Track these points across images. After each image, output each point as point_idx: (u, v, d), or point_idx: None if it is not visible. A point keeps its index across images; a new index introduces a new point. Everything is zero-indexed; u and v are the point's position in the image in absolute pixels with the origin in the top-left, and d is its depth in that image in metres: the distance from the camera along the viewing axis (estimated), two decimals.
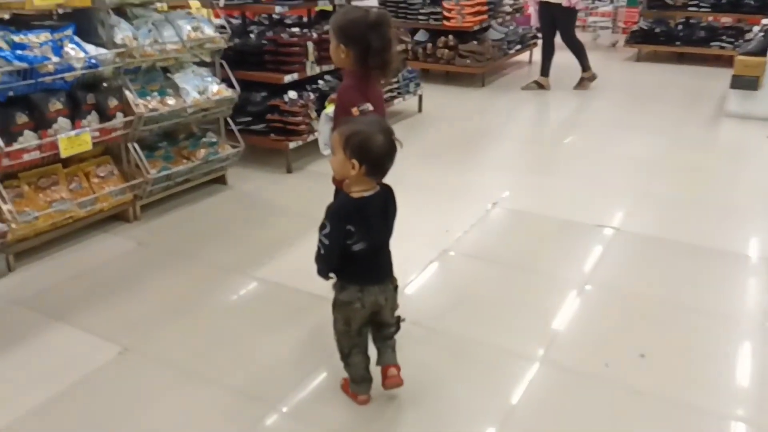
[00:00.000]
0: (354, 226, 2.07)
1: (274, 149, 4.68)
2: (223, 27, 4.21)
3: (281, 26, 5.16)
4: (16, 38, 3.10)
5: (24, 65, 3.00)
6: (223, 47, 4.12)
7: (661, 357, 2.64)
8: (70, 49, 3.26)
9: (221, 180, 4.37)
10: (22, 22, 3.37)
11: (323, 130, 2.46)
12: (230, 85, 4.20)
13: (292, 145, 4.56)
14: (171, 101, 3.81)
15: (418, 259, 3.43)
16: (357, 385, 2.33)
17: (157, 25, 3.79)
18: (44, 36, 3.19)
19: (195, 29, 3.90)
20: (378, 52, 2.30)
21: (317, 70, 4.81)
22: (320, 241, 2.10)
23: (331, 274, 2.20)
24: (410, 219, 4.00)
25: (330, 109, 2.46)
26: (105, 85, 3.59)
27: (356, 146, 2.00)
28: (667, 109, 6.48)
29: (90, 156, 3.73)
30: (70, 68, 3.26)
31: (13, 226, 3.14)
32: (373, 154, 2.02)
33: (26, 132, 3.17)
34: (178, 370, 2.56)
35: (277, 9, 4.70)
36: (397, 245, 3.56)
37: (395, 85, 5.73)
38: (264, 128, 4.62)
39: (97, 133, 3.48)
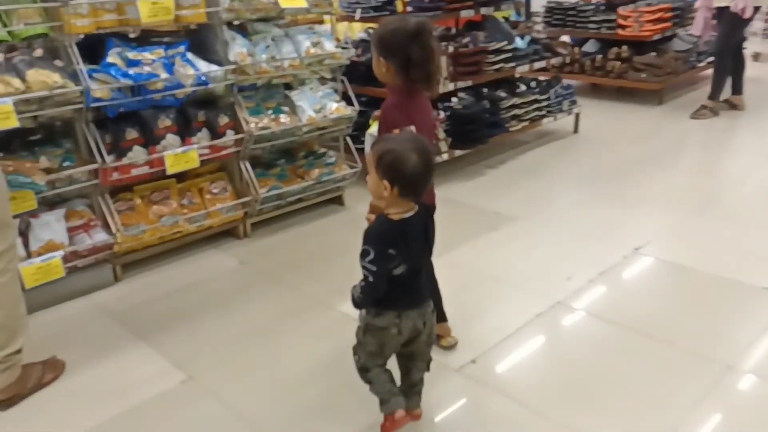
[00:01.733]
0: (395, 249, 1.92)
1: None
2: (346, 43, 4.04)
3: None
4: (131, 54, 3.17)
5: (129, 82, 3.05)
6: (345, 63, 3.95)
7: None
8: (180, 65, 3.28)
9: (338, 200, 4.21)
10: (145, 38, 3.47)
11: (369, 150, 2.18)
12: (351, 103, 4.02)
13: None
14: (285, 119, 3.71)
15: (522, 310, 2.94)
16: (387, 403, 2.10)
17: (276, 40, 3.72)
18: (157, 53, 3.24)
19: (315, 45, 3.77)
20: (420, 63, 2.17)
21: (450, 87, 4.47)
22: (366, 269, 1.93)
23: None
24: (527, 257, 3.52)
25: (374, 128, 2.26)
26: (224, 102, 3.59)
27: (388, 166, 1.87)
28: None
29: (206, 172, 3.77)
30: (180, 85, 3.27)
31: (119, 239, 3.23)
32: (406, 174, 1.86)
33: (135, 148, 3.24)
34: (231, 412, 2.39)
35: None
36: (499, 288, 3.10)
37: (543, 103, 5.16)
38: None
39: (207, 150, 3.48)
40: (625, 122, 6.02)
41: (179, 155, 3.31)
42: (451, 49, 4.46)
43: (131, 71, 3.09)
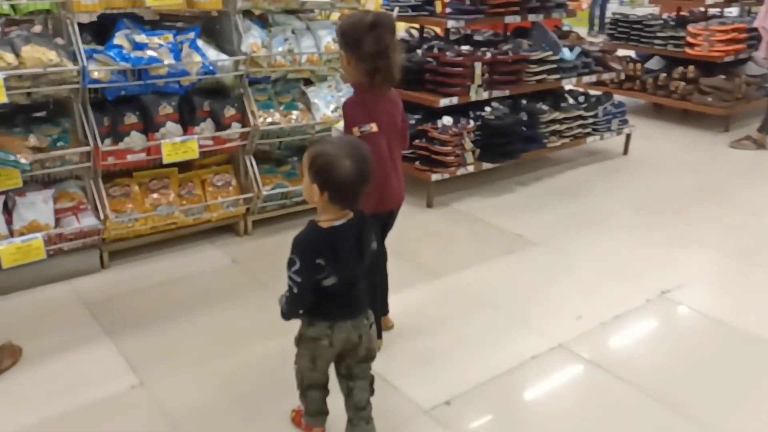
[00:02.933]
0: (324, 259, 1.81)
1: (417, 179, 4.16)
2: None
3: (462, 43, 4.59)
4: (137, 38, 3.05)
5: (127, 65, 2.92)
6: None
7: None
8: (188, 52, 3.14)
9: None
10: (160, 22, 3.35)
11: None
12: None
13: (435, 177, 3.99)
14: (297, 116, 3.53)
15: (518, 348, 2.65)
16: (312, 417, 2.13)
17: (297, 34, 3.54)
18: (166, 37, 3.10)
19: (336, 40, 3.56)
20: (370, 56, 2.13)
21: (484, 95, 4.17)
22: (291, 279, 1.84)
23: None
24: (537, 288, 3.19)
25: (341, 123, 2.27)
26: (233, 93, 3.44)
27: (319, 170, 1.79)
28: None
29: (212, 163, 3.63)
30: (185, 72, 3.14)
31: (108, 225, 3.12)
32: (337, 181, 1.78)
33: (133, 133, 3.12)
34: (170, 425, 2.22)
35: (450, 23, 4.18)
36: (498, 319, 2.86)
37: (589, 120, 4.79)
38: (411, 154, 4.13)
39: (210, 142, 3.33)
40: (682, 148, 5.54)
41: (177, 144, 3.17)
42: (488, 55, 4.16)
43: (133, 55, 2.97)
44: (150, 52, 3.02)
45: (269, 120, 3.42)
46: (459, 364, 2.56)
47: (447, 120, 4.02)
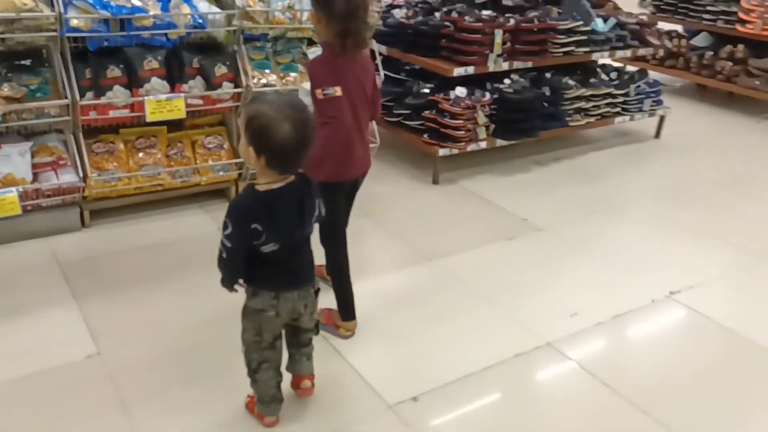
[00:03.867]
0: (261, 224, 1.72)
1: (424, 153, 3.92)
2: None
3: (488, 8, 4.27)
4: None
5: (106, 14, 2.75)
6: (376, 24, 3.47)
7: None
8: (176, 3, 2.95)
9: None
10: None
11: None
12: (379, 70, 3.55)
13: (442, 152, 3.75)
14: (294, 78, 3.32)
15: (501, 344, 2.46)
16: (265, 405, 2.00)
17: None
18: None
19: None
20: (340, 17, 2.02)
21: (503, 66, 3.88)
22: (222, 243, 1.76)
23: (240, 281, 1.85)
24: (533, 279, 2.95)
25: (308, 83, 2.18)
26: (227, 50, 3.24)
27: (255, 132, 1.66)
28: None
29: (205, 123, 3.47)
30: (172, 25, 2.95)
31: (90, 183, 3.00)
32: (273, 145, 1.66)
33: (116, 87, 2.97)
34: (119, 404, 2.11)
35: None
36: (484, 311, 2.66)
37: (619, 99, 4.45)
38: (419, 126, 3.89)
39: (200, 101, 3.16)
40: (721, 134, 5.14)
41: (162, 102, 3.01)
42: (512, 22, 3.85)
43: (115, 3, 2.79)
44: (134, 1, 2.84)
45: (263, 81, 3.23)
46: (434, 357, 2.38)
47: (460, 91, 3.75)
